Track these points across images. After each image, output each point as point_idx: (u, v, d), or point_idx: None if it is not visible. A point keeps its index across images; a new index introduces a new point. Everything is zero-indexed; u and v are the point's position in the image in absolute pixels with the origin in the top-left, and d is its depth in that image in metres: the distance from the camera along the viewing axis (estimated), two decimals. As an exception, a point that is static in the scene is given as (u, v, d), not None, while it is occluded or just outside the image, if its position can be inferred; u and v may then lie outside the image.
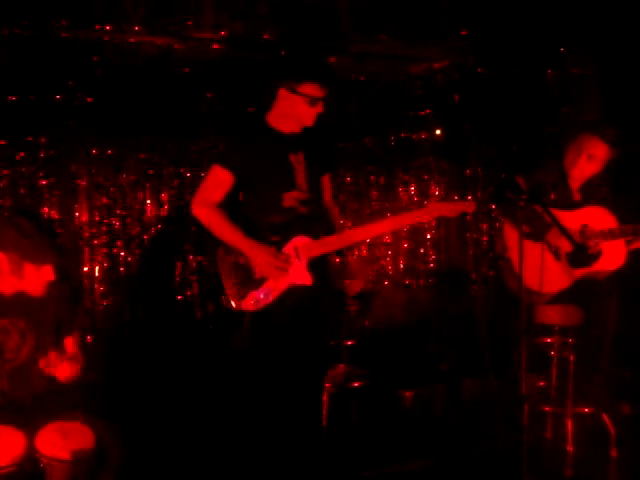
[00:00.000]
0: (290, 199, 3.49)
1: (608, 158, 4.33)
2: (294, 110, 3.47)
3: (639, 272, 4.42)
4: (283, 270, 3.42)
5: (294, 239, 3.48)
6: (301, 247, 3.48)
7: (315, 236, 3.50)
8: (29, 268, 2.98)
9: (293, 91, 3.43)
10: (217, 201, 3.49)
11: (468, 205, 3.53)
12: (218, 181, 3.49)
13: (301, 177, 3.52)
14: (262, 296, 3.42)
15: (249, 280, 3.43)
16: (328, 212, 3.72)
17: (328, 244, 3.50)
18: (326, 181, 3.72)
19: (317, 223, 3.54)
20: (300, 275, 3.46)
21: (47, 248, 2.99)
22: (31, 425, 2.90)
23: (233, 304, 3.41)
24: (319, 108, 3.46)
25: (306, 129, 3.54)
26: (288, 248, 3.48)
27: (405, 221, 3.60)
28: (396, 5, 5.61)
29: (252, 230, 3.46)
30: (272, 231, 3.46)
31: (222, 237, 3.47)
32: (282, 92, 3.48)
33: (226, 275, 3.43)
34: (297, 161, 3.52)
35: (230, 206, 3.52)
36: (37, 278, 3.01)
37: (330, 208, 3.75)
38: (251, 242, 3.43)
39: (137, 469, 3.38)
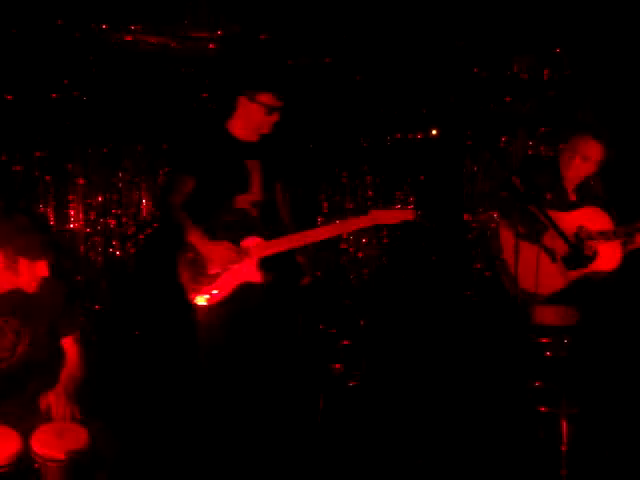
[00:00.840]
0: (243, 201, 3.77)
1: (602, 159, 4.33)
2: (252, 118, 3.76)
3: (634, 274, 4.43)
4: (235, 261, 3.68)
5: (246, 239, 3.75)
6: (252, 247, 3.75)
7: (266, 237, 3.78)
8: (23, 263, 2.97)
9: (252, 100, 3.71)
10: (179, 203, 3.76)
11: (408, 213, 3.81)
12: (181, 186, 3.77)
13: (256, 182, 3.82)
14: (215, 292, 3.69)
15: (203, 276, 3.70)
16: (280, 214, 3.98)
17: (277, 245, 3.77)
18: (279, 187, 3.98)
19: (269, 225, 3.84)
20: (251, 273, 3.74)
21: (42, 243, 2.99)
22: (26, 425, 2.89)
23: (189, 298, 3.69)
24: (275, 117, 3.75)
25: (264, 137, 3.81)
26: (242, 247, 3.75)
27: (349, 227, 3.93)
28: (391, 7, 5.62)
29: (208, 229, 3.73)
30: (225, 230, 3.74)
31: (183, 235, 3.75)
32: (242, 100, 3.76)
33: (183, 270, 3.72)
34: (252, 167, 3.81)
35: (191, 206, 3.78)
36: (31, 274, 3.00)
37: (281, 211, 3.99)
38: (205, 240, 3.68)
39: (133, 469, 3.37)
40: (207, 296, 3.69)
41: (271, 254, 3.76)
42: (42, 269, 3.00)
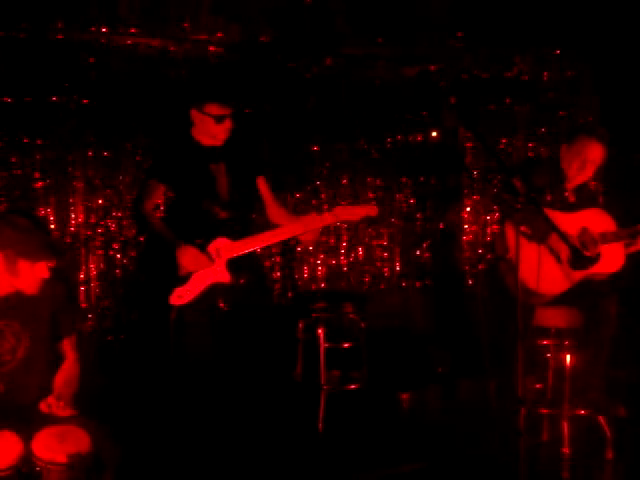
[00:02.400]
0: (209, 204, 3.90)
1: (604, 160, 4.33)
2: (205, 128, 3.89)
3: (637, 275, 4.42)
4: (205, 265, 3.78)
5: (215, 241, 3.85)
6: (221, 248, 3.86)
7: (234, 238, 3.88)
8: (24, 265, 2.97)
9: (200, 111, 3.87)
10: (152, 209, 3.98)
11: (370, 209, 3.91)
12: (153, 192, 3.96)
13: (222, 185, 3.93)
14: (186, 292, 3.80)
15: (175, 277, 3.81)
16: (272, 211, 4.09)
17: (245, 245, 3.88)
18: (262, 185, 4.10)
19: (236, 225, 3.94)
20: (220, 274, 3.84)
21: (42, 245, 2.98)
22: (27, 428, 2.89)
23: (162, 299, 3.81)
24: (227, 124, 3.87)
25: (228, 140, 3.93)
26: (210, 249, 3.85)
27: (315, 224, 3.94)
28: (391, 7, 5.63)
29: (179, 232, 3.84)
30: (194, 233, 3.84)
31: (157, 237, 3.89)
32: (193, 112, 3.91)
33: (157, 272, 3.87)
34: (217, 170, 3.93)
35: (163, 210, 4.01)
36: (32, 276, 2.99)
37: (274, 207, 4.11)
38: (179, 242, 3.79)
39: (134, 471, 3.37)
40: (178, 296, 3.79)
41: (239, 254, 3.86)
42: (43, 271, 3.00)
